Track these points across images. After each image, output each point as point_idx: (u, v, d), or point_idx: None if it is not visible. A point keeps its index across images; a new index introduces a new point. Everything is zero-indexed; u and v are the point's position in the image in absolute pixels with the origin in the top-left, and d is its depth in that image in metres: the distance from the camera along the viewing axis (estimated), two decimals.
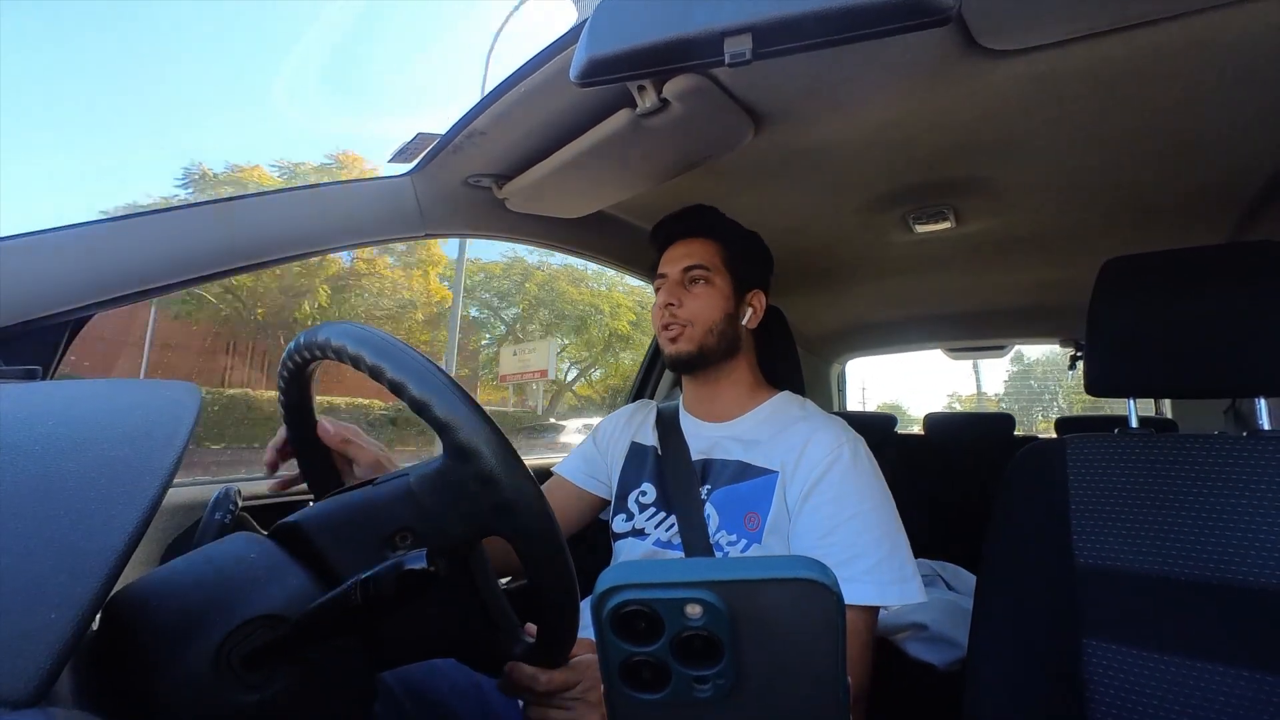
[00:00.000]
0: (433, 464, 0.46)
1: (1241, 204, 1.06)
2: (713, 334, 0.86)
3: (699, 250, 0.88)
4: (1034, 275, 1.55)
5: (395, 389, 0.42)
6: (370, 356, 0.43)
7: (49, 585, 0.26)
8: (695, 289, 0.87)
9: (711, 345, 0.86)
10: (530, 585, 0.45)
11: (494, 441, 0.42)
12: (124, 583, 0.35)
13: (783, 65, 0.66)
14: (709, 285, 0.87)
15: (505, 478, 0.41)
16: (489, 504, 0.42)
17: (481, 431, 0.41)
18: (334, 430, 0.60)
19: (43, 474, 0.29)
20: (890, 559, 0.70)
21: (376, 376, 0.43)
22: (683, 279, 0.87)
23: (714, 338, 0.86)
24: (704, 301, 0.86)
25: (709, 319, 0.86)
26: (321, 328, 0.48)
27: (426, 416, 0.42)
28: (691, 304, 0.86)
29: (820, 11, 0.39)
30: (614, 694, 0.24)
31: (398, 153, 0.89)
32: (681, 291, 0.87)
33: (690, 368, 0.88)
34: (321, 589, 0.40)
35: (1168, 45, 0.63)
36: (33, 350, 0.61)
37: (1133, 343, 0.69)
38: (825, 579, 0.22)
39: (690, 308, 0.86)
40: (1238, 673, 0.56)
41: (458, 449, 0.42)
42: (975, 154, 0.92)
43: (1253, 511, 0.59)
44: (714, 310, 0.86)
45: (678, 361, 0.87)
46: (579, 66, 0.45)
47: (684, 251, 0.88)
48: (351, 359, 0.44)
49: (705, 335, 0.85)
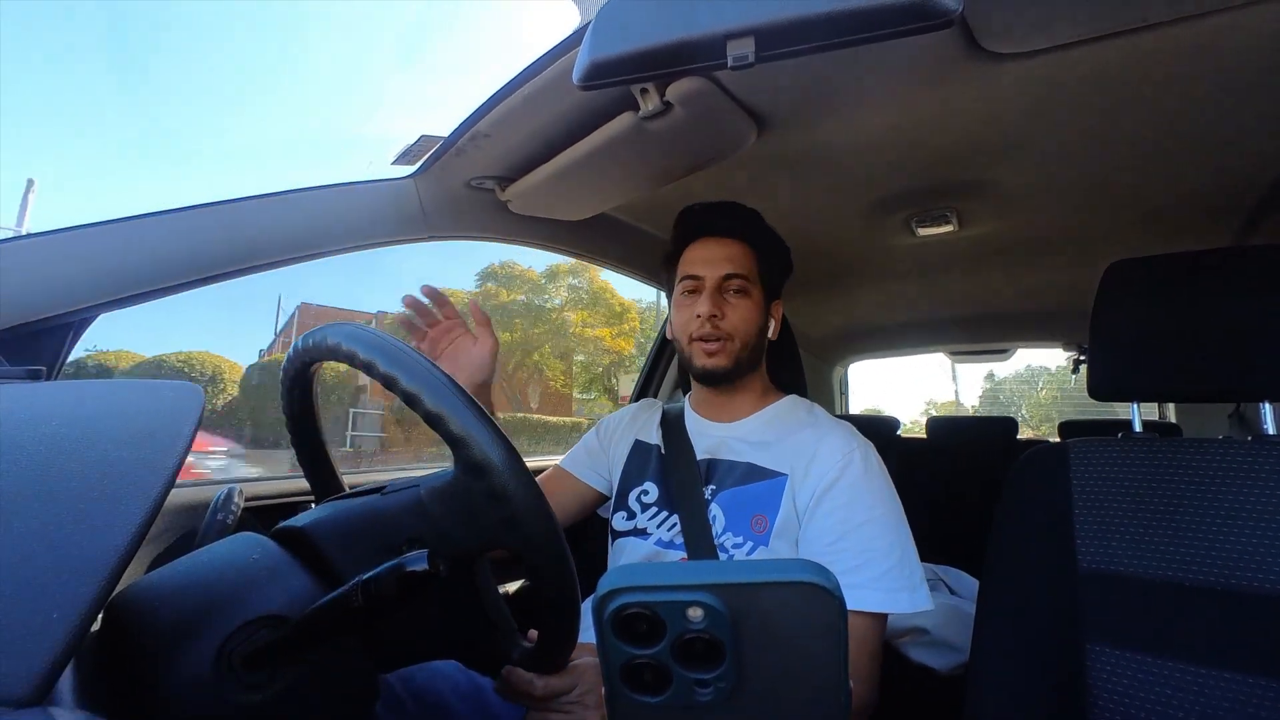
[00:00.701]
0: (444, 477, 0.45)
1: (1245, 208, 1.06)
2: (748, 349, 0.83)
3: (739, 257, 0.84)
4: (1037, 279, 1.54)
5: (409, 400, 0.42)
6: (383, 364, 0.42)
7: (51, 585, 0.26)
8: (734, 300, 0.83)
9: (745, 360, 0.83)
10: (532, 590, 0.45)
11: (507, 458, 0.41)
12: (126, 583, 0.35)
13: (785, 68, 0.66)
14: (747, 296, 0.83)
15: (517, 494, 0.41)
16: (499, 518, 0.42)
17: (495, 448, 0.41)
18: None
19: (45, 474, 0.29)
20: (900, 566, 0.69)
21: (389, 385, 0.42)
22: (721, 286, 0.83)
23: (748, 353, 0.83)
24: (744, 314, 0.82)
25: (747, 334, 0.82)
26: (330, 330, 0.47)
27: (440, 429, 0.41)
28: (733, 316, 0.82)
29: (823, 15, 0.39)
30: (615, 696, 0.24)
31: (401, 155, 0.89)
32: (722, 301, 0.82)
33: (723, 381, 0.85)
34: (323, 590, 0.40)
35: (1170, 49, 0.63)
36: (37, 351, 0.61)
37: (1136, 346, 0.69)
38: (827, 583, 0.22)
39: (732, 320, 0.82)
40: (1242, 679, 0.55)
41: (471, 464, 0.41)
42: (978, 157, 0.92)
43: (1257, 517, 0.59)
44: (752, 324, 0.83)
45: (713, 375, 0.83)
46: (582, 69, 0.45)
47: (722, 254, 0.84)
48: (363, 364, 0.43)
49: (741, 350, 0.82)
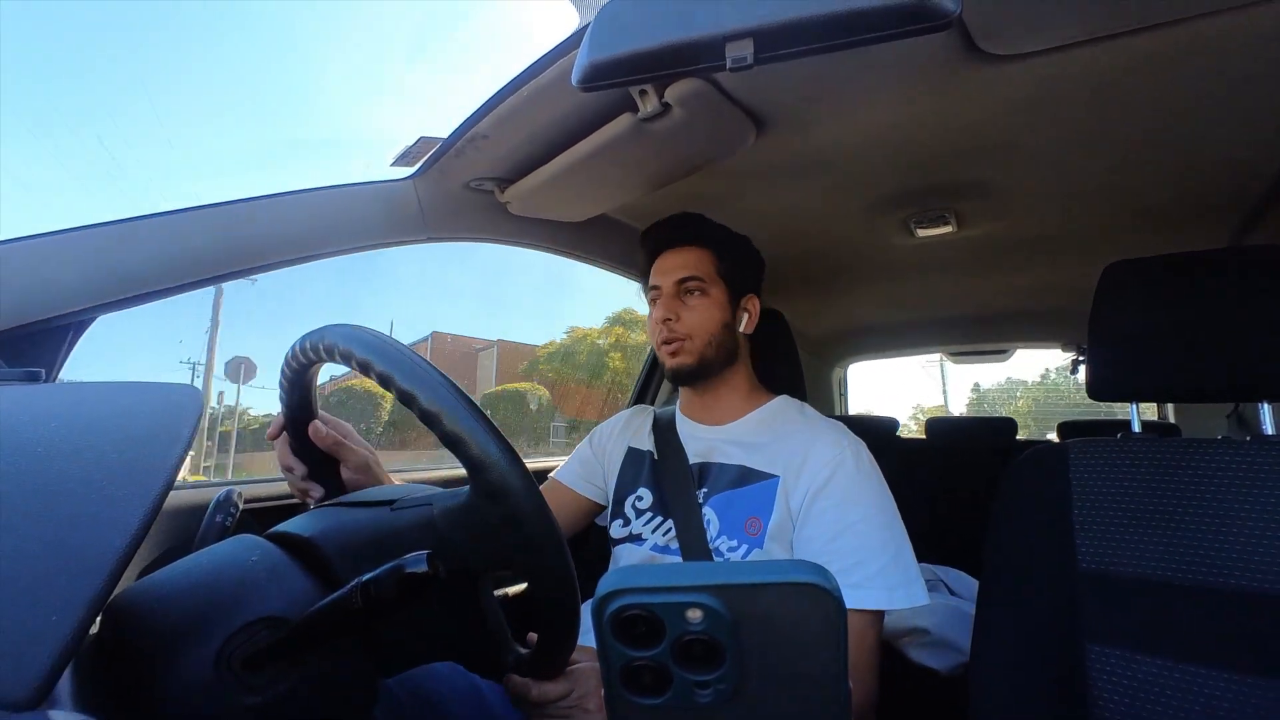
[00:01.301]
0: (458, 498, 0.45)
1: (1243, 208, 1.06)
2: (712, 345, 0.85)
3: (692, 260, 0.87)
4: (1035, 279, 1.55)
5: (427, 419, 0.41)
6: (402, 380, 0.41)
7: (50, 587, 0.26)
8: (691, 300, 0.86)
9: (711, 356, 0.85)
10: (532, 597, 0.45)
11: (524, 485, 0.41)
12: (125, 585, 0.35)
13: (784, 70, 0.67)
14: (705, 296, 0.86)
15: (532, 521, 0.41)
16: (512, 543, 0.42)
17: (514, 474, 0.41)
18: (325, 432, 0.59)
19: (44, 476, 0.29)
20: (895, 563, 0.70)
21: (407, 402, 0.41)
22: (677, 291, 0.86)
23: (713, 349, 0.85)
24: (701, 313, 0.85)
25: (707, 331, 0.85)
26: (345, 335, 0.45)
27: (458, 451, 0.41)
28: (689, 316, 0.85)
29: (822, 16, 0.39)
30: (615, 699, 0.24)
31: (400, 156, 0.89)
32: (678, 304, 0.86)
33: (691, 379, 0.87)
34: (323, 593, 0.40)
35: (1168, 50, 0.63)
36: (36, 352, 0.61)
37: (1135, 347, 0.69)
38: (826, 583, 0.22)
39: (688, 320, 0.85)
40: (1242, 679, 0.55)
41: (489, 490, 0.41)
42: (976, 158, 0.92)
43: (1257, 516, 0.59)
44: (712, 321, 0.85)
45: (679, 375, 0.86)
46: (581, 71, 0.45)
47: (677, 262, 0.87)
48: (379, 376, 0.42)
49: (705, 347, 0.85)
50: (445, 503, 0.46)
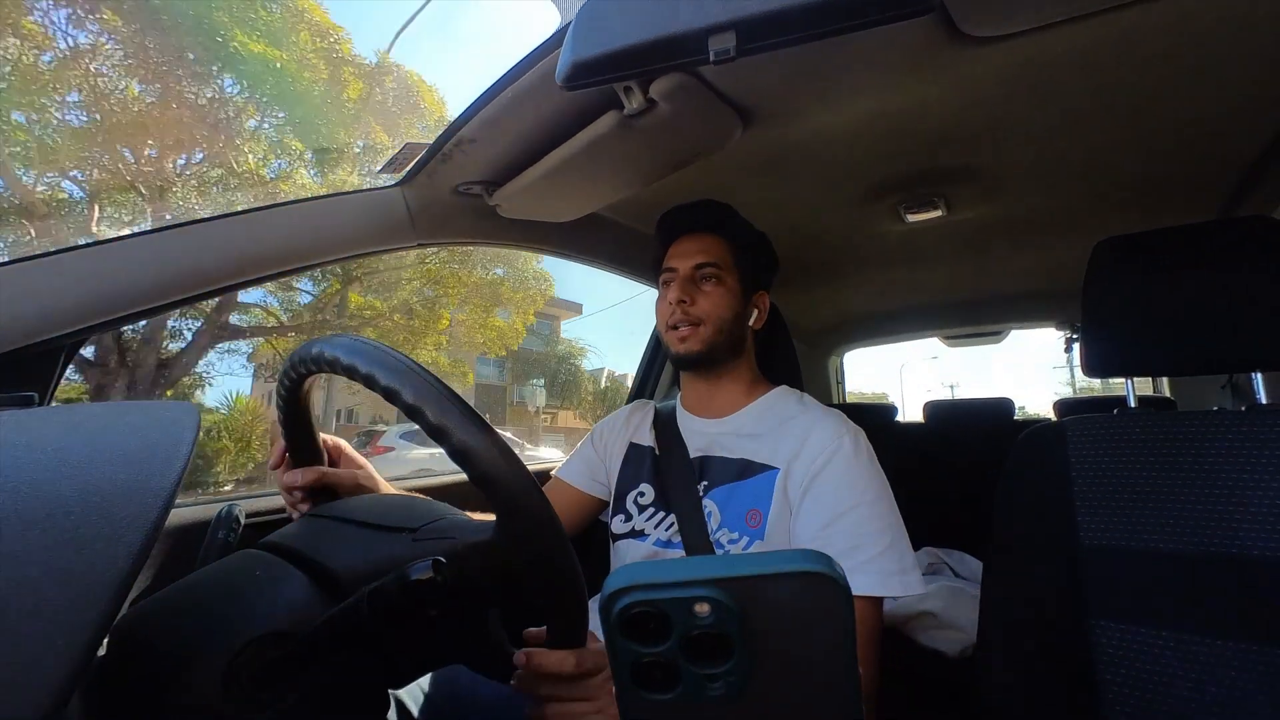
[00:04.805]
0: (484, 534, 0.44)
1: (1229, 181, 1.07)
2: (722, 333, 0.85)
3: (712, 247, 0.87)
4: (1027, 260, 1.55)
5: (458, 456, 0.39)
6: (433, 414, 0.39)
7: (55, 611, 0.26)
8: (707, 287, 0.86)
9: (720, 345, 0.85)
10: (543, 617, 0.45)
11: (552, 529, 0.41)
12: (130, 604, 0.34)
13: (768, 60, 0.66)
14: (720, 284, 0.86)
15: (558, 560, 0.41)
16: (535, 582, 0.42)
17: (543, 518, 0.40)
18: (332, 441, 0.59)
19: (45, 499, 0.29)
20: (891, 550, 0.70)
21: (436, 436, 0.39)
22: (694, 275, 0.86)
23: (723, 337, 0.85)
24: (715, 300, 0.85)
25: (720, 318, 0.85)
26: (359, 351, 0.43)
27: (488, 491, 0.40)
28: (703, 302, 0.85)
29: (803, 6, 0.39)
30: (626, 696, 0.24)
31: (386, 164, 0.89)
32: (693, 289, 0.86)
33: (697, 366, 0.87)
34: (329, 606, 0.40)
35: (1150, 26, 0.64)
36: (27, 376, 0.61)
37: (1128, 323, 0.70)
38: (832, 571, 0.22)
39: (702, 306, 0.85)
40: (1246, 647, 0.56)
41: (517, 535, 0.41)
42: (963, 141, 0.92)
43: (1254, 485, 0.59)
44: (724, 310, 0.85)
45: (686, 360, 0.87)
46: (564, 70, 0.45)
47: (696, 247, 0.87)
48: (406, 407, 0.40)
49: (715, 335, 0.85)
50: (470, 538, 0.45)
